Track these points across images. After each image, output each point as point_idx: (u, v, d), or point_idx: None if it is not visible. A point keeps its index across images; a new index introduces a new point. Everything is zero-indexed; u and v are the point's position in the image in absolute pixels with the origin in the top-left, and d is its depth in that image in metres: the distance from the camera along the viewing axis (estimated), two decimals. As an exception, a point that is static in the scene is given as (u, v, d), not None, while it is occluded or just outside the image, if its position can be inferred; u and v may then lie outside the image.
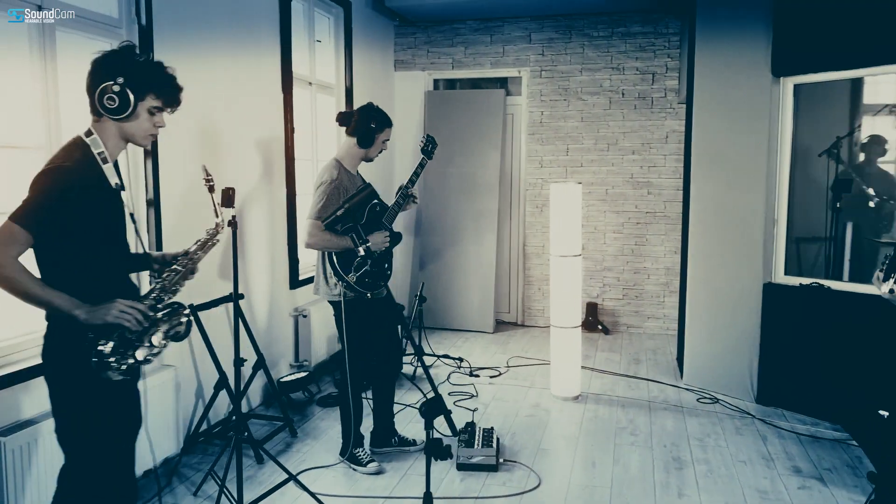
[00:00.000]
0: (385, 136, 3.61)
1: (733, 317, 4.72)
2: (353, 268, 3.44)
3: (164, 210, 3.60)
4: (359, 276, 3.43)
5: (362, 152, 3.58)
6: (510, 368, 5.43)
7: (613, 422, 4.33)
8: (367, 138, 3.53)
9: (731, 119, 4.64)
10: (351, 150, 3.57)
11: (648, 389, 4.92)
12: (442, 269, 6.70)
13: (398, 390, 4.87)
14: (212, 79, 4.01)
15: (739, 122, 4.59)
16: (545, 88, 6.59)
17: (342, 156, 3.58)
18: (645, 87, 6.38)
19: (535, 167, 6.68)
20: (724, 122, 4.68)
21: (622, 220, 6.55)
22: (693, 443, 4.00)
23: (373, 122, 3.53)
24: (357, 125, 3.54)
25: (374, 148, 3.59)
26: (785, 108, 4.49)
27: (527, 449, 3.91)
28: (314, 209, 3.38)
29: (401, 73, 6.88)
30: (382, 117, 3.59)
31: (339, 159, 3.56)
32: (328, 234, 3.37)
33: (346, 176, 3.52)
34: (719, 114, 4.71)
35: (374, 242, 3.47)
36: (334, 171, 3.49)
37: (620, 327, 6.63)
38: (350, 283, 3.43)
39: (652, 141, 6.40)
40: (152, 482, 3.46)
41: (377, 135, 3.56)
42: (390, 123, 3.64)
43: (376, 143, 3.58)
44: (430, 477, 2.49)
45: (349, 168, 3.57)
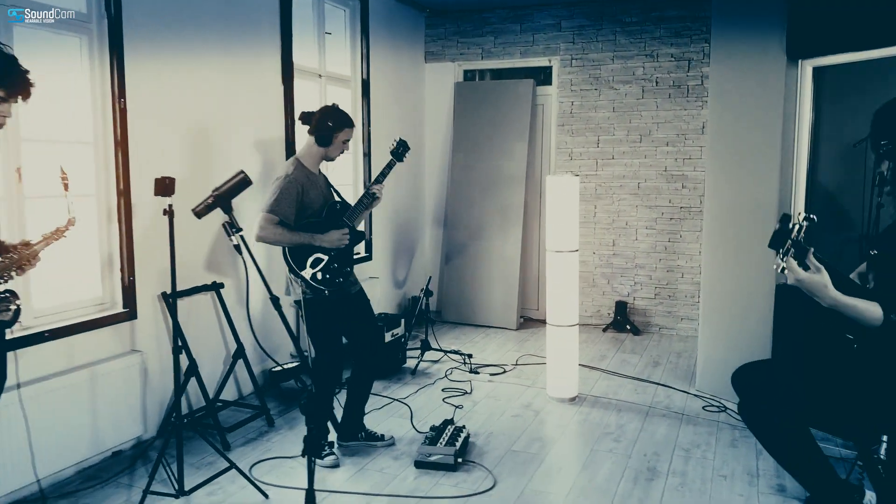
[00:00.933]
0: (344, 136, 3.58)
1: (745, 320, 4.38)
2: (308, 264, 3.43)
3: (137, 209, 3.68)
4: (315, 272, 3.41)
5: (322, 151, 3.58)
6: (517, 367, 5.26)
7: (601, 426, 4.11)
8: (324, 138, 3.52)
9: (745, 107, 4.29)
10: (311, 149, 3.59)
11: (654, 394, 4.64)
12: (466, 263, 6.59)
13: (394, 384, 4.84)
14: (200, 72, 4.08)
15: (753, 111, 4.24)
16: (575, 78, 6.34)
17: (302, 154, 3.61)
18: (680, 75, 6.02)
19: (564, 159, 6.44)
20: (738, 111, 4.33)
21: (655, 216, 6.21)
22: (678, 453, 3.73)
23: (330, 121, 3.51)
24: (316, 124, 3.54)
25: (334, 148, 3.58)
26: (803, 93, 4.10)
27: (497, 450, 3.77)
28: (267, 202, 3.40)
29: (431, 64, 6.81)
30: (341, 118, 3.56)
31: (298, 157, 3.60)
32: (280, 228, 3.38)
33: (305, 173, 3.53)
34: (733, 102, 4.37)
35: (329, 240, 3.46)
36: (291, 167, 3.52)
37: (651, 328, 6.31)
38: (306, 280, 3.42)
39: (687, 132, 6.03)
40: (117, 462, 3.58)
41: (335, 134, 3.53)
42: (350, 124, 3.59)
43: (335, 143, 3.57)
44: (386, 472, 2.41)
45: (309, 167, 3.58)
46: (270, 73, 4.69)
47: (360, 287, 3.79)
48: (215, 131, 4.24)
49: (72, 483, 3.37)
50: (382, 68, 6.03)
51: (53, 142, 3.43)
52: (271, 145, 4.72)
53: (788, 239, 2.08)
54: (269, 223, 3.36)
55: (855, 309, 2.10)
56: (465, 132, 6.61)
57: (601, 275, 6.44)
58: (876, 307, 2.09)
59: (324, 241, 3.45)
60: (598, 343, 5.93)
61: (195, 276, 4.09)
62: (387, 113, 6.12)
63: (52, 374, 3.29)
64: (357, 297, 3.74)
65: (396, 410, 4.36)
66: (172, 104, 3.92)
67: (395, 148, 3.79)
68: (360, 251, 5.93)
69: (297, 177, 3.46)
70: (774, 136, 4.12)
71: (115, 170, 3.59)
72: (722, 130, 4.46)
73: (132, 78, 3.62)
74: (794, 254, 2.09)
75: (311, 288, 3.45)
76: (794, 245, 2.08)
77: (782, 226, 2.10)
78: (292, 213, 3.42)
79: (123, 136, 3.59)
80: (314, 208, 3.54)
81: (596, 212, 6.39)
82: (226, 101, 4.31)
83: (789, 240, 2.08)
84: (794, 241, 2.08)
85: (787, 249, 2.09)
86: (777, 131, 4.11)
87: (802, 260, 2.10)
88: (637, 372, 5.13)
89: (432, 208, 6.93)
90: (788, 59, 4.06)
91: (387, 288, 6.31)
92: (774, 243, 2.10)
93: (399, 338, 5.15)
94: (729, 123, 4.41)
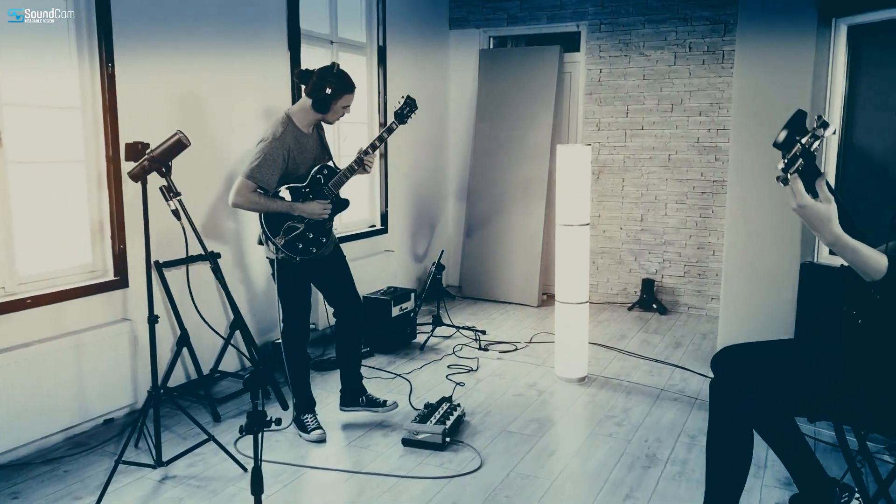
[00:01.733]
0: (344, 102, 3.32)
1: (768, 300, 4.10)
2: (282, 231, 3.28)
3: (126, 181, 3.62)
4: (288, 240, 3.29)
5: (318, 116, 3.35)
6: (529, 345, 5.08)
7: (605, 409, 3.91)
8: (321, 104, 3.29)
9: (772, 72, 3.98)
10: (305, 111, 3.33)
11: (670, 377, 4.41)
12: (487, 238, 6.40)
13: (401, 359, 4.73)
14: (196, 36, 3.99)
15: (781, 76, 3.92)
16: (604, 44, 6.03)
17: (294, 112, 3.36)
18: (715, 40, 5.65)
19: (591, 130, 6.17)
20: (765, 76, 4.02)
21: (686, 190, 5.90)
22: (682, 440, 3.51)
23: (328, 86, 3.25)
24: (312, 88, 3.29)
25: (333, 114, 3.35)
26: (836, 55, 3.77)
27: (490, 431, 3.62)
28: (248, 167, 3.23)
29: (456, 31, 6.58)
30: (340, 83, 3.28)
31: (289, 114, 3.35)
32: (257, 196, 3.22)
33: (294, 135, 3.31)
34: (760, 66, 4.05)
35: (309, 210, 3.30)
36: (280, 127, 3.29)
37: (680, 307, 6.02)
38: (278, 247, 3.28)
39: (722, 101, 5.68)
40: (108, 430, 3.57)
41: (333, 102, 3.29)
42: (350, 89, 3.32)
43: (334, 110, 3.33)
44: (372, 450, 2.30)
45: (301, 126, 3.35)
46: (275, 39, 4.57)
47: (336, 245, 3.59)
48: (214, 98, 4.15)
49: (59, 449, 3.37)
50: (401, 34, 5.85)
51: (39, 106, 3.38)
52: (276, 114, 4.60)
53: (799, 143, 1.73)
54: (246, 189, 3.20)
55: (856, 252, 1.76)
56: (490, 101, 6.39)
57: (628, 251, 6.17)
58: (882, 257, 1.77)
59: (304, 211, 3.29)
60: (620, 322, 5.69)
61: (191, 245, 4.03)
62: (406, 82, 5.95)
63: (38, 340, 3.28)
64: (331, 256, 3.54)
65: (397, 386, 4.25)
66: (165, 69, 3.84)
67: (399, 108, 3.48)
68: (376, 223, 5.81)
69: (284, 140, 3.25)
70: (803, 103, 3.80)
71: (103, 135, 3.54)
72: (748, 97, 4.15)
73: (121, 40, 3.55)
74: (803, 170, 1.73)
75: (284, 253, 3.31)
76: (804, 157, 1.72)
77: (797, 123, 1.75)
78: (274, 180, 3.24)
79: (112, 102, 3.53)
80: (299, 173, 3.34)
81: (624, 185, 6.11)
82: (226, 68, 4.21)
83: (799, 144, 1.72)
84: (805, 151, 1.72)
85: (795, 158, 1.72)
86: (806, 98, 3.79)
87: (811, 183, 1.75)
88: (657, 353, 4.89)
89: (455, 180, 6.75)
90: (820, 18, 3.73)
91: (405, 262, 6.19)
92: (783, 144, 1.75)
93: (408, 312, 5.02)
94: (755, 90, 4.09)
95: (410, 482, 3.08)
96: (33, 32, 3.26)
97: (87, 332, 3.47)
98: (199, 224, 4.11)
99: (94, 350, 3.47)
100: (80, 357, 3.41)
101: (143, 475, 3.10)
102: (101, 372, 3.51)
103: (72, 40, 3.42)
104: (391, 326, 4.86)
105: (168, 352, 3.94)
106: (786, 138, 1.76)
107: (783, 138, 1.76)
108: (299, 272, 3.40)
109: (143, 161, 2.95)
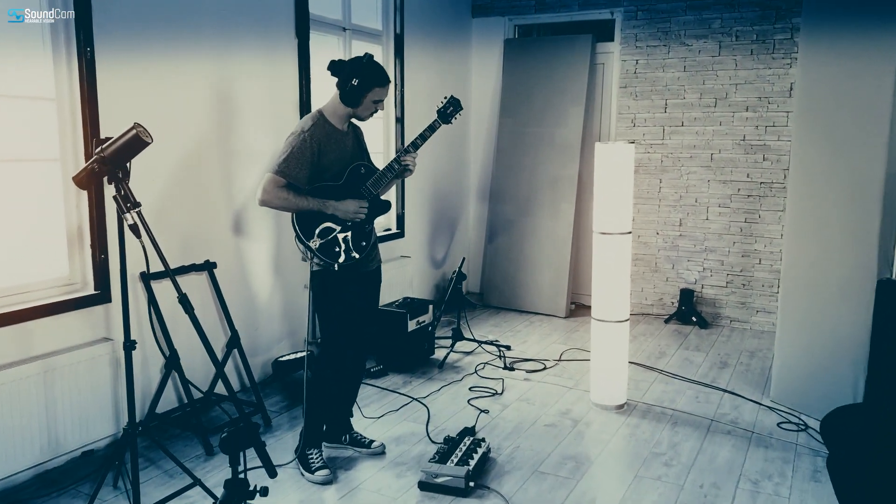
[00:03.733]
0: (375, 95, 2.96)
1: (835, 317, 3.61)
2: (316, 233, 2.91)
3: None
4: (324, 243, 2.91)
5: (349, 110, 2.99)
6: (559, 363, 4.61)
7: (651, 444, 3.44)
8: (350, 96, 2.93)
9: (844, 63, 3.46)
10: (336, 105, 3.00)
11: (720, 404, 3.92)
12: (512, 242, 5.93)
13: (417, 378, 4.29)
14: (191, 18, 3.55)
15: (855, 67, 3.41)
16: (641, 32, 5.53)
17: (326, 106, 3.03)
18: (765, 27, 5.14)
19: (626, 126, 5.67)
20: (836, 68, 3.51)
21: (730, 192, 5.39)
22: (743, 486, 3.03)
23: (356, 77, 2.89)
24: (343, 79, 2.93)
25: (363, 108, 2.98)
26: (923, 40, 3.26)
27: (520, 471, 3.15)
28: (276, 162, 2.88)
29: (479, 19, 6.11)
30: (370, 74, 2.91)
31: (322, 111, 3.02)
32: (287, 192, 2.88)
33: (325, 130, 2.96)
34: (831, 54, 3.54)
35: (344, 209, 2.94)
36: (309, 121, 2.95)
37: (722, 321, 5.52)
38: (312, 250, 2.90)
39: (771, 95, 5.16)
40: (85, 464, 3.15)
41: (364, 94, 2.93)
42: (382, 82, 2.95)
43: (365, 103, 2.96)
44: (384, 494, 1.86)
45: (334, 122, 3.00)
46: (282, 25, 4.12)
47: (379, 266, 3.23)
48: (211, 87, 3.71)
49: (27, 489, 2.95)
50: (420, 22, 5.39)
51: (6, 96, 2.95)
52: (282, 105, 4.17)
53: None
54: (274, 186, 2.86)
55: None
56: (515, 95, 5.91)
57: (665, 259, 5.67)
58: None
59: (338, 209, 2.93)
60: (657, 336, 5.20)
61: (186, 254, 3.61)
62: (425, 73, 5.49)
63: (4, 364, 2.86)
64: (370, 277, 3.18)
65: (413, 412, 3.80)
66: (154, 53, 3.39)
67: (442, 106, 3.14)
68: (391, 226, 5.36)
69: (313, 133, 2.91)
70: (884, 97, 3.29)
71: (81, 130, 3.10)
72: (814, 91, 3.64)
73: (101, 19, 3.11)
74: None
75: (318, 258, 2.93)
76: None
77: None
78: (304, 175, 2.89)
79: (91, 91, 3.10)
80: (334, 170, 2.99)
81: (661, 187, 5.61)
82: (225, 54, 3.77)
83: None
84: None
85: None
86: (888, 92, 3.28)
87: None
88: (701, 374, 4.41)
89: (477, 180, 6.28)
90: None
91: (423, 268, 5.73)
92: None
93: (426, 326, 4.57)
94: (823, 83, 3.58)
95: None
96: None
97: (62, 353, 3.04)
98: (195, 229, 3.68)
99: (69, 375, 3.04)
100: (53, 383, 2.98)
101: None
102: (78, 399, 3.09)
103: (42, 19, 2.99)
104: (407, 342, 4.41)
105: (157, 373, 3.51)
106: None
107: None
108: (341, 284, 2.99)
109: (91, 162, 2.45)
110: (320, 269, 2.98)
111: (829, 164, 3.60)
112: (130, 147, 2.47)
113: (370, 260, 3.13)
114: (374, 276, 3.21)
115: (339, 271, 2.95)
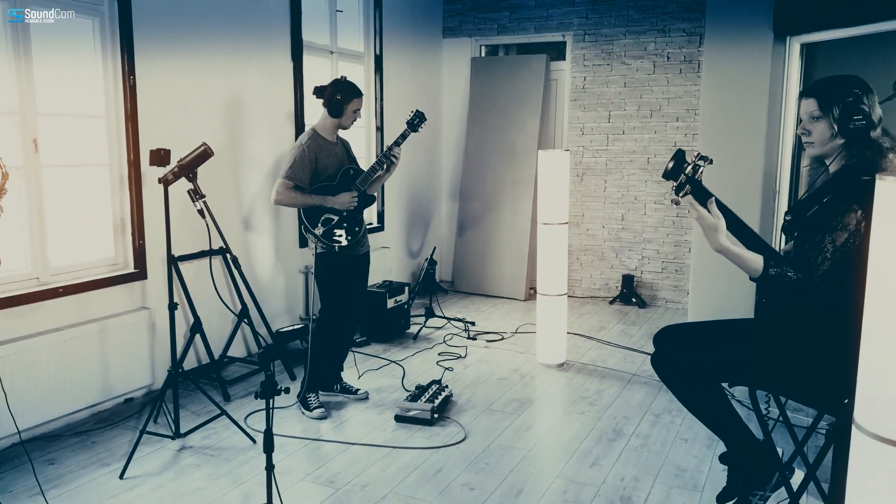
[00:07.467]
0: (354, 105, 3.83)
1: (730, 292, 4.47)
2: (319, 222, 3.75)
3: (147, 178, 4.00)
4: (326, 230, 3.75)
5: (335, 122, 3.85)
6: (515, 335, 5.47)
7: (581, 391, 4.30)
8: (335, 109, 3.80)
9: (733, 85, 4.34)
10: (325, 120, 3.86)
11: (643, 364, 4.79)
12: (478, 235, 6.79)
13: (395, 347, 5.11)
14: (208, 50, 4.36)
15: (740, 88, 4.29)
16: (588, 53, 6.41)
17: (317, 124, 3.90)
18: (691, 50, 6.04)
19: (576, 134, 6.55)
20: (727, 89, 4.38)
21: (664, 191, 6.29)
22: (647, 418, 3.90)
23: (339, 94, 3.77)
24: (327, 97, 3.80)
25: (346, 118, 3.85)
26: (791, 70, 4.14)
27: (475, 409, 4.00)
28: (285, 169, 3.74)
29: (449, 40, 6.97)
30: (348, 90, 3.81)
31: (315, 128, 3.88)
32: (295, 192, 3.72)
33: (319, 142, 3.82)
34: (723, 79, 4.41)
35: (339, 201, 3.78)
36: (306, 137, 3.82)
37: (658, 301, 6.41)
38: (317, 236, 3.74)
39: (697, 108, 6.05)
40: (129, 408, 3.95)
41: (345, 106, 3.80)
42: (357, 94, 3.83)
43: (346, 114, 3.83)
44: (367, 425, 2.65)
45: (325, 136, 3.86)
46: (280, 51, 4.95)
47: (368, 251, 4.07)
48: (224, 107, 4.53)
49: (86, 423, 3.75)
50: (397, 43, 6.23)
51: (69, 115, 3.75)
52: (281, 120, 4.99)
53: (682, 174, 2.25)
54: (285, 188, 3.71)
55: (739, 258, 2.26)
56: (481, 106, 6.78)
57: (610, 248, 6.56)
58: (758, 258, 2.24)
59: (335, 202, 3.77)
60: (601, 315, 6.08)
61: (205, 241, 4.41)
62: (401, 88, 6.33)
63: (67, 325, 3.66)
64: (361, 260, 4.01)
65: (391, 371, 4.63)
66: (181, 81, 4.21)
67: (410, 118, 4.01)
68: (373, 221, 6.19)
69: (311, 145, 3.77)
70: (759, 113, 4.18)
71: (125, 142, 3.91)
72: (713, 108, 4.52)
73: (141, 55, 3.92)
74: (693, 194, 2.25)
75: (322, 243, 3.77)
76: (690, 183, 2.24)
77: (677, 163, 2.27)
78: (307, 178, 3.74)
79: (133, 111, 3.91)
80: (329, 173, 3.83)
81: (606, 186, 6.50)
82: (235, 78, 4.58)
83: (683, 174, 2.24)
84: (690, 179, 2.24)
85: (682, 185, 2.25)
86: (762, 109, 4.16)
87: (703, 202, 2.27)
88: (633, 342, 5.28)
89: (448, 181, 7.14)
90: (776, 36, 4.10)
91: (400, 257, 6.57)
92: (669, 174, 2.28)
93: (402, 304, 5.41)
94: (719, 101, 4.46)
95: (401, 452, 3.46)
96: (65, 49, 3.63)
97: (110, 318, 3.84)
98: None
99: (116, 335, 3.85)
100: (104, 341, 3.78)
101: (164, 445, 3.49)
102: (123, 355, 3.89)
103: (97, 55, 3.79)
104: (386, 317, 5.24)
105: (182, 338, 4.31)
106: (671, 169, 2.29)
107: (669, 169, 2.29)
108: (338, 264, 3.84)
109: (174, 167, 3.41)
110: (323, 251, 3.81)
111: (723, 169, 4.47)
112: (200, 158, 3.53)
113: (362, 244, 3.98)
114: (364, 259, 4.05)
115: (338, 253, 3.80)
